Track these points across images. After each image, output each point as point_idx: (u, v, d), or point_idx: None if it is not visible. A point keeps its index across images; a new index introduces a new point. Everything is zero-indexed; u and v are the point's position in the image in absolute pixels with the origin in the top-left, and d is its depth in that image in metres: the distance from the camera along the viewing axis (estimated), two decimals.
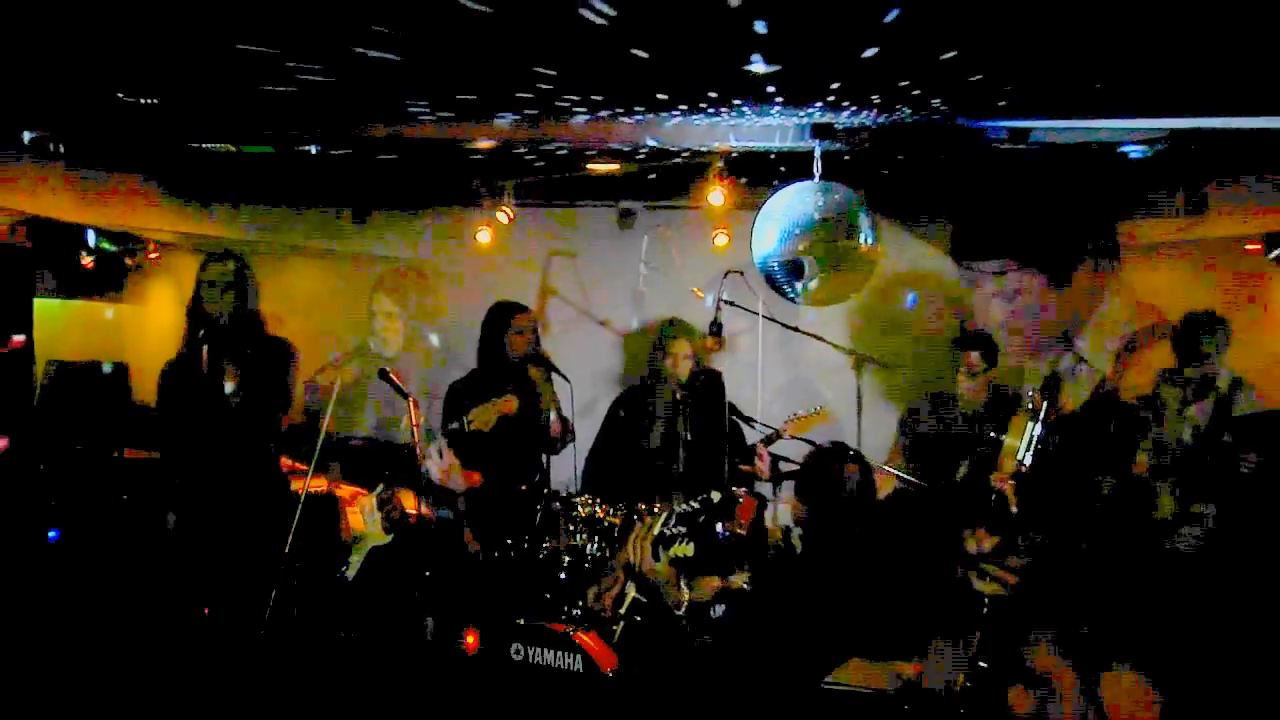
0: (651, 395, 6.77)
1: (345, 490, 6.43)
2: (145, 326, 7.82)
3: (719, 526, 6.47)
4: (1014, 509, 6.27)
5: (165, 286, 7.95)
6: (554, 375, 6.74)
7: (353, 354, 7.50)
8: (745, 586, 6.82)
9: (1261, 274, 6.79)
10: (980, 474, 6.38)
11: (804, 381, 8.17)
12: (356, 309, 7.62)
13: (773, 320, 6.58)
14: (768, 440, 6.62)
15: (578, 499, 6.13)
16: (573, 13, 2.99)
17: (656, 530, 5.92)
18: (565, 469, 6.76)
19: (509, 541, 6.19)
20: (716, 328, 6.72)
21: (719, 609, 6.70)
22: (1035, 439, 5.76)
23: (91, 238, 6.12)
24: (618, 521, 6.09)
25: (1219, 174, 6.27)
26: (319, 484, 6.33)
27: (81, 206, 6.31)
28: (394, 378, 6.18)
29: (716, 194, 6.36)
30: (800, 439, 6.63)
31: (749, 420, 6.72)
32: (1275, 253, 5.51)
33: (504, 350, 6.65)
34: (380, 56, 3.58)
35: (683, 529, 6.09)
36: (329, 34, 3.41)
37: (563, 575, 5.92)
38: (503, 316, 6.73)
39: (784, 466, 7.09)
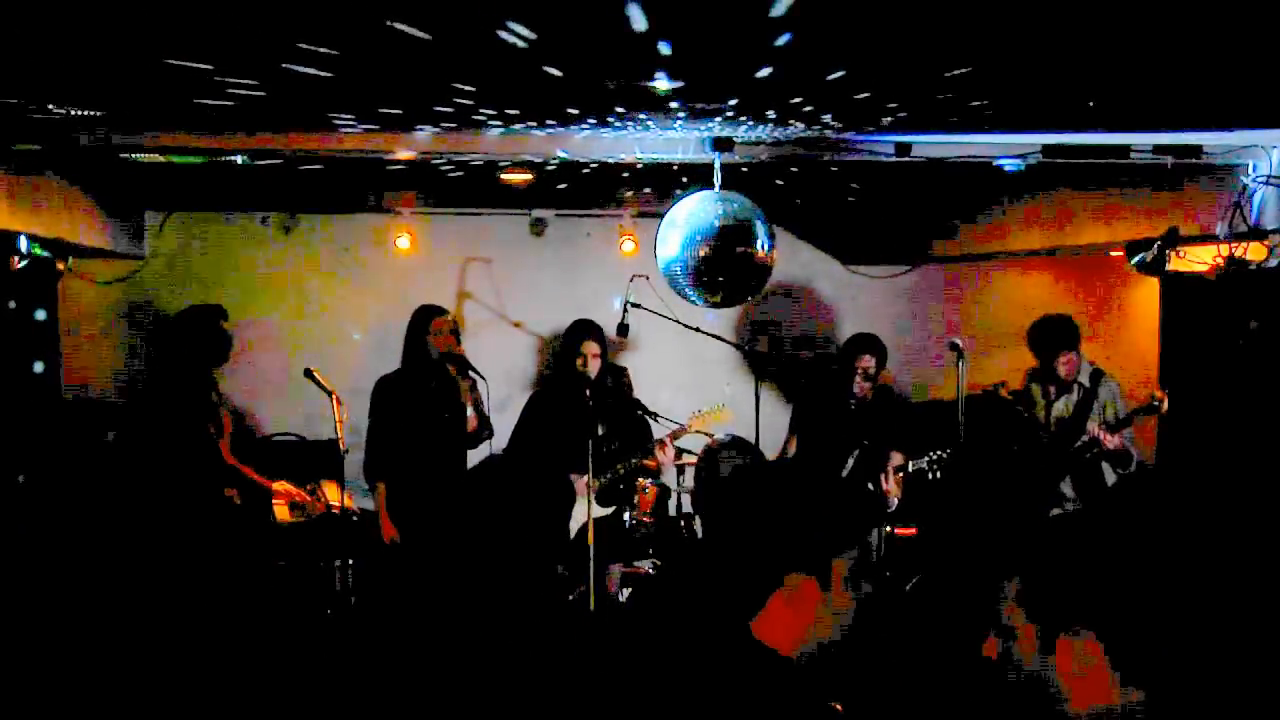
0: (563, 393, 6.74)
1: (279, 485, 6.33)
2: None
3: (626, 515, 6.49)
4: (895, 500, 6.35)
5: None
6: (471, 373, 6.72)
7: None
8: (650, 571, 6.83)
9: (1124, 279, 6.98)
10: (866, 469, 6.46)
11: (706, 379, 8.20)
12: None
13: (676, 321, 6.58)
14: (674, 435, 6.64)
15: None
16: (493, 36, 2.96)
17: None
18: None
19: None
20: (623, 329, 6.73)
21: (625, 593, 6.71)
22: None
23: (24, 243, 5.94)
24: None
25: (1087, 186, 6.40)
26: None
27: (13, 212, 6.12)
28: (317, 376, 6.11)
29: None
30: (702, 433, 6.67)
31: (654, 415, 6.72)
32: (1135, 259, 5.61)
33: (426, 349, 6.61)
34: (312, 74, 3.50)
35: None
36: (262, 52, 3.33)
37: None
38: (424, 318, 6.69)
39: (685, 459, 7.13)
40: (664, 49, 3.17)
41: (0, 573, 5.56)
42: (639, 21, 2.79)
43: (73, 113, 4.44)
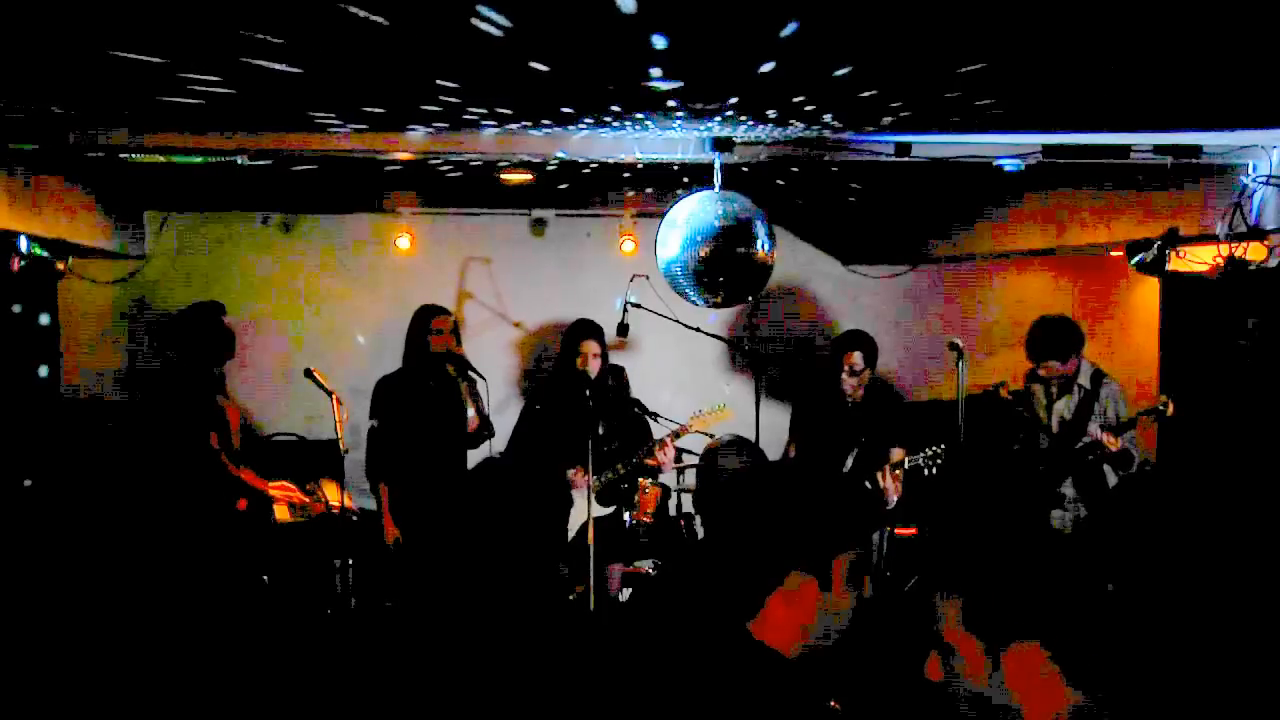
0: (563, 392, 6.72)
1: (276, 490, 6.32)
2: None
3: (626, 516, 6.48)
4: (894, 497, 6.33)
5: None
6: (471, 374, 6.71)
7: None
8: (650, 571, 6.81)
9: (1124, 279, 6.97)
10: (865, 466, 6.44)
11: (706, 379, 8.20)
12: None
13: (677, 321, 6.57)
14: (675, 434, 6.62)
15: None
16: (465, 24, 2.88)
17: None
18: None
19: None
20: (623, 329, 6.71)
21: (625, 593, 6.69)
22: None
23: (24, 243, 5.92)
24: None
25: (1087, 186, 6.39)
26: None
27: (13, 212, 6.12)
28: (317, 376, 6.10)
29: None
30: (702, 433, 6.65)
31: (653, 415, 6.71)
32: (1135, 259, 5.60)
33: (427, 349, 6.60)
34: (279, 69, 3.45)
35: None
36: (218, 44, 3.26)
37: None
38: (425, 318, 6.68)
39: (686, 459, 7.11)
40: (659, 42, 3.11)
41: (5, 576, 5.55)
42: (627, 2, 2.65)
43: (51, 110, 4.41)
